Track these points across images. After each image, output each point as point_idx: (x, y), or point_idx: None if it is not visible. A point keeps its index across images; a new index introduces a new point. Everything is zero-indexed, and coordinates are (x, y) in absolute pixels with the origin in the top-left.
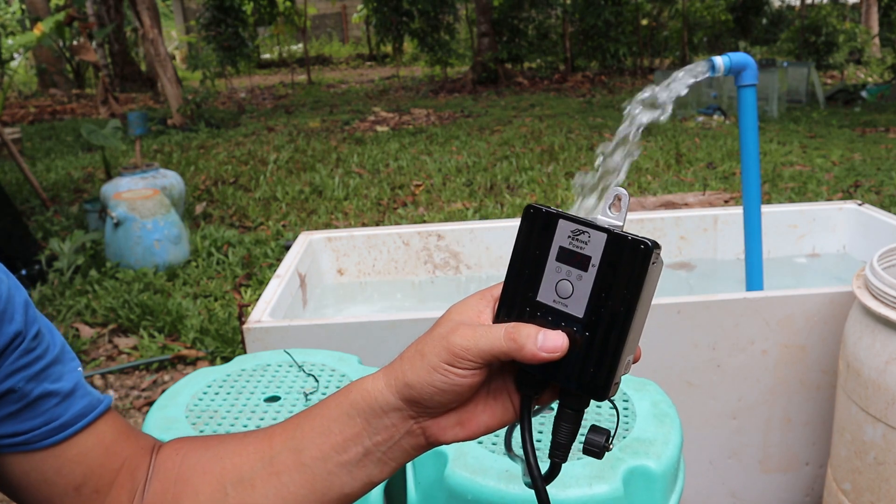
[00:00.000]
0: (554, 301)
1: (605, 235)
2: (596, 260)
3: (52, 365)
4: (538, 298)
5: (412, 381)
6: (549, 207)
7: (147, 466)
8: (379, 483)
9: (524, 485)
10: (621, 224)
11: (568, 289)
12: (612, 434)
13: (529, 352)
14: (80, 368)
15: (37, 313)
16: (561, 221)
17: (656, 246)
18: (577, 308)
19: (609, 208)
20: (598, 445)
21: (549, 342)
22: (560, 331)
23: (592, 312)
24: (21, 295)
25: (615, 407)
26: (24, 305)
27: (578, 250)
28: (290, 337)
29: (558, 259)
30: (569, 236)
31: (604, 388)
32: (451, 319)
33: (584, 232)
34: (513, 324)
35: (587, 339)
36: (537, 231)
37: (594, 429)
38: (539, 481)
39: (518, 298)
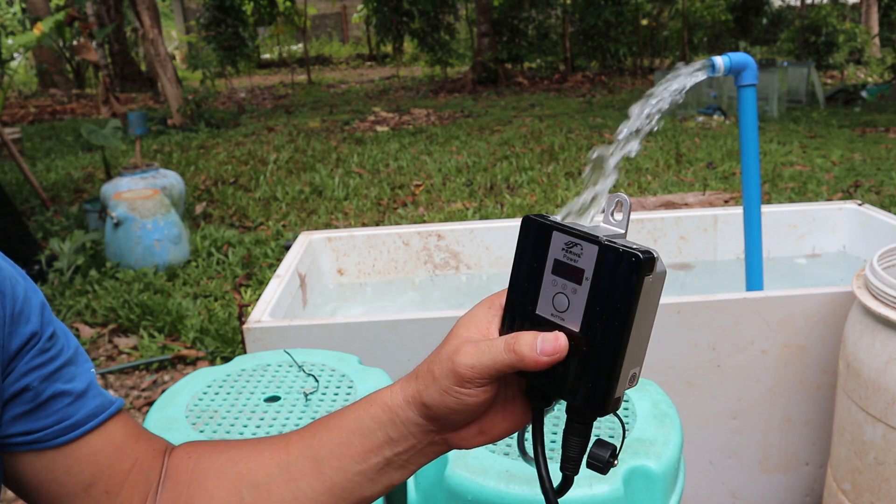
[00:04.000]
0: (552, 315)
1: (596, 248)
2: (589, 273)
3: (66, 366)
4: (537, 312)
5: (428, 402)
6: (546, 218)
7: (159, 469)
8: (399, 484)
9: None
10: (623, 231)
11: (564, 302)
12: (617, 449)
13: (531, 359)
14: (93, 370)
15: (52, 315)
16: (555, 234)
17: (650, 258)
18: (574, 322)
19: (611, 215)
20: (602, 460)
21: (548, 345)
22: (558, 332)
23: (588, 327)
24: (37, 297)
25: (620, 419)
26: (41, 307)
27: (572, 263)
28: (290, 337)
29: (554, 272)
30: (563, 248)
31: (602, 404)
32: (458, 336)
33: (576, 244)
34: (512, 334)
35: (584, 353)
36: (533, 243)
37: (599, 443)
38: (550, 494)
39: (519, 312)
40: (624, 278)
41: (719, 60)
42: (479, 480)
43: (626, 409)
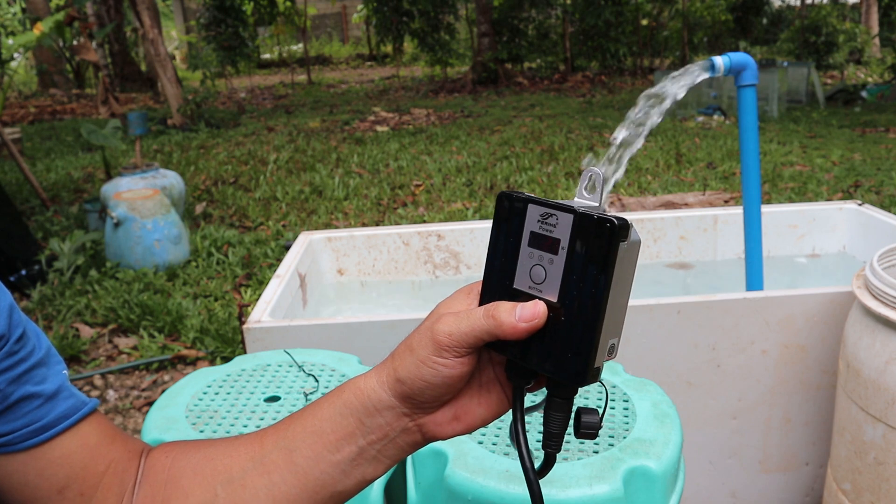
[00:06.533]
0: (529, 287)
1: (571, 216)
2: (565, 242)
3: (36, 367)
4: (515, 286)
5: (403, 376)
6: (522, 193)
7: (136, 470)
8: (373, 480)
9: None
10: (597, 205)
11: (541, 274)
12: (602, 411)
13: (509, 325)
14: (65, 371)
15: (21, 316)
16: (530, 206)
17: (624, 224)
18: (551, 292)
19: (584, 190)
20: (595, 426)
21: (527, 311)
22: (537, 300)
23: (565, 296)
24: (5, 298)
25: (603, 385)
26: (9, 309)
27: (548, 234)
28: (290, 337)
29: (530, 244)
30: (538, 220)
31: (583, 374)
32: (437, 312)
33: (552, 215)
34: (492, 303)
35: (563, 323)
36: (510, 217)
37: (585, 411)
38: (531, 473)
39: (496, 287)
40: (599, 244)
41: (719, 60)
42: (479, 480)
43: (625, 408)
